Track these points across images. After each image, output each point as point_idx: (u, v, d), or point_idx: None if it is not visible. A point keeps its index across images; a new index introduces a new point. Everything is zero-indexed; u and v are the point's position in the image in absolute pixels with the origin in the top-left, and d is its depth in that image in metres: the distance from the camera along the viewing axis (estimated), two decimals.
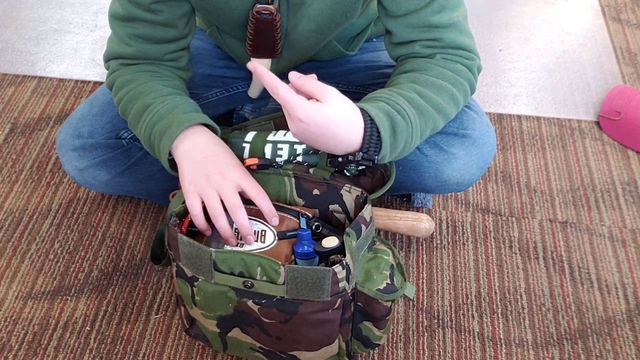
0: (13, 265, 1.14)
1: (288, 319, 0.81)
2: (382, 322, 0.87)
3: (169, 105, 0.88)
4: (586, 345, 1.05)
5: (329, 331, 0.84)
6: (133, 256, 1.16)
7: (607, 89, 1.49)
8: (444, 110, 0.87)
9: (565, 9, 1.74)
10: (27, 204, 1.24)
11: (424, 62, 0.89)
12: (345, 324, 0.85)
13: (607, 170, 1.33)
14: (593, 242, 1.20)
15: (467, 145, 0.97)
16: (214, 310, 0.85)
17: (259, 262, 0.78)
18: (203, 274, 0.81)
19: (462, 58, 0.90)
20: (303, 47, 0.99)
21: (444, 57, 0.90)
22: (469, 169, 0.99)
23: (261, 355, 0.90)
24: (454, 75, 0.89)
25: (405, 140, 0.81)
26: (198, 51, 1.11)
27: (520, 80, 1.53)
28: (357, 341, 0.90)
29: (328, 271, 0.77)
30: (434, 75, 0.87)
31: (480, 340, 1.05)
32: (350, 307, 0.84)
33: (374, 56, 1.10)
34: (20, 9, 1.71)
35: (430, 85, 0.86)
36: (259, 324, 0.84)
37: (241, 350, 0.91)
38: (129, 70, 0.94)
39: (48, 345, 1.04)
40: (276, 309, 0.81)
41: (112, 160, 1.04)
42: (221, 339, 0.90)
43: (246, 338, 0.87)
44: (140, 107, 0.89)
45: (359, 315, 0.86)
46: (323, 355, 0.88)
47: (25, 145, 1.35)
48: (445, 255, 1.17)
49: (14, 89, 1.48)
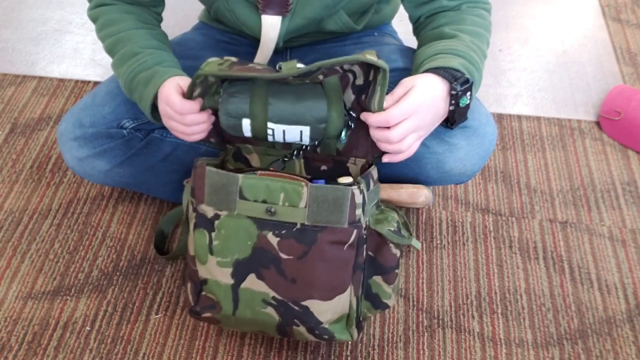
0: (13, 265, 1.14)
1: (306, 252, 0.85)
2: (391, 276, 0.92)
3: (156, 59, 0.94)
4: (586, 345, 1.05)
5: (342, 274, 0.87)
6: (133, 256, 1.16)
7: (607, 89, 1.49)
8: (485, 55, 0.96)
9: (565, 9, 1.74)
10: (27, 204, 1.24)
11: (456, 15, 0.97)
12: (358, 271, 0.88)
13: (607, 170, 1.33)
14: (593, 242, 1.20)
15: (467, 135, 0.98)
16: (232, 253, 0.87)
17: (282, 187, 0.84)
18: (227, 205, 0.85)
19: (483, 3, 0.99)
20: (316, 5, 0.99)
21: (467, 5, 0.98)
22: (471, 159, 1.00)
23: (272, 312, 0.90)
24: (483, 21, 0.97)
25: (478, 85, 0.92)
26: (201, 45, 1.12)
27: (520, 80, 1.53)
28: (367, 302, 0.93)
29: (348, 190, 0.83)
30: (471, 24, 0.95)
31: (480, 340, 1.05)
32: (363, 250, 0.88)
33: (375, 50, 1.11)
34: (20, 9, 1.71)
35: (475, 35, 0.94)
36: (275, 263, 0.86)
37: (252, 306, 0.90)
38: (115, 9, 1.00)
39: (48, 345, 1.04)
40: (295, 240, 0.85)
41: (112, 150, 1.05)
42: (233, 294, 0.89)
43: (260, 286, 0.88)
44: (128, 52, 0.95)
45: (369, 267, 0.91)
46: (335, 309, 0.89)
47: (25, 145, 1.35)
48: (445, 255, 1.17)
49: (14, 89, 1.48)
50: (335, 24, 1.05)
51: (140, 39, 0.97)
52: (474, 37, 0.94)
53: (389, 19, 1.17)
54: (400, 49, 1.10)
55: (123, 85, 0.96)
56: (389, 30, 1.18)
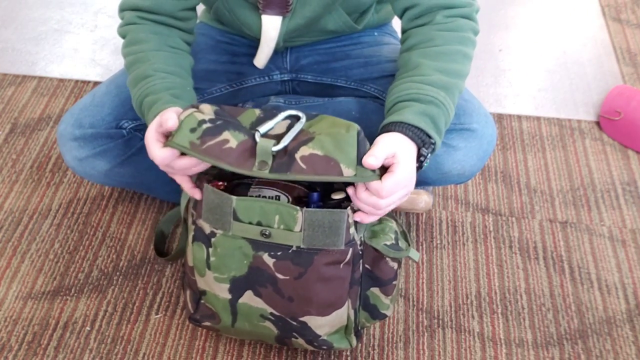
0: (13, 265, 1.14)
1: (302, 274, 0.84)
2: (389, 287, 0.90)
3: (165, 84, 0.91)
4: (586, 345, 1.05)
5: (339, 290, 0.86)
6: (133, 256, 1.16)
7: (607, 89, 1.49)
8: (462, 73, 0.90)
9: (565, 9, 1.74)
10: (27, 204, 1.24)
11: (427, 31, 0.92)
12: (355, 285, 0.88)
13: (607, 170, 1.33)
14: (593, 242, 1.20)
15: (466, 136, 0.98)
16: (228, 271, 0.86)
17: (277, 210, 0.81)
18: (222, 225, 0.84)
19: (460, 8, 0.92)
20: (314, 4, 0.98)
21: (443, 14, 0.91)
22: (469, 160, 1.00)
23: (271, 325, 0.90)
24: (458, 34, 0.91)
25: (445, 120, 0.86)
26: (201, 46, 1.11)
27: (520, 80, 1.53)
28: (365, 312, 0.92)
29: (344, 214, 0.80)
30: (442, 44, 0.90)
31: (480, 340, 1.05)
32: (359, 265, 0.87)
33: (375, 51, 1.11)
34: (20, 9, 1.71)
35: (443, 56, 0.89)
36: (272, 282, 0.85)
37: (251, 319, 0.90)
38: (143, 28, 0.97)
39: (48, 345, 1.04)
40: (291, 262, 0.83)
41: (112, 150, 1.05)
42: (231, 308, 0.89)
43: (257, 303, 0.88)
44: (141, 74, 0.93)
45: (367, 280, 0.89)
46: (333, 322, 0.89)
47: (25, 145, 1.35)
48: (445, 255, 1.17)
49: (14, 89, 1.48)
50: (335, 23, 1.05)
51: (157, 61, 0.93)
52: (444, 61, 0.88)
53: (389, 19, 1.17)
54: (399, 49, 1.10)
55: (136, 107, 0.94)
56: (389, 30, 1.18)
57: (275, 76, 1.12)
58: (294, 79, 1.13)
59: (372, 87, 1.07)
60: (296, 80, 1.13)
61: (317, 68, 1.11)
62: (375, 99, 1.07)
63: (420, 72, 0.88)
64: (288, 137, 0.78)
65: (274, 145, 0.77)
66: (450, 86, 0.87)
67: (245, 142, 0.78)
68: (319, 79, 1.11)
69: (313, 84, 1.12)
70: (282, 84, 1.13)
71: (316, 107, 1.08)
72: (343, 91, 1.10)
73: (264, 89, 1.13)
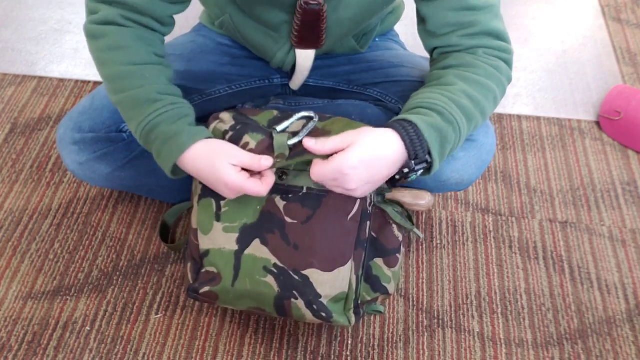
0: (13, 265, 1.14)
1: (310, 217, 0.87)
2: (392, 258, 0.93)
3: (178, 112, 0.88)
4: (586, 345, 1.05)
5: (344, 245, 0.88)
6: (133, 256, 1.16)
7: (607, 89, 1.49)
8: (486, 111, 0.88)
9: (565, 9, 1.74)
10: (27, 204, 1.24)
11: (470, 58, 0.89)
12: (360, 248, 0.89)
13: (607, 170, 1.33)
14: (593, 242, 1.20)
15: (465, 146, 0.98)
16: (240, 218, 0.89)
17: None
18: None
19: (502, 52, 0.90)
20: (334, 36, 0.99)
21: (485, 51, 0.90)
22: (468, 169, 0.99)
23: (272, 281, 0.89)
24: (497, 74, 0.89)
25: (452, 147, 0.84)
26: (202, 48, 1.11)
27: (520, 80, 1.53)
28: (367, 285, 0.93)
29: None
30: (482, 75, 0.87)
31: (480, 340, 1.05)
32: (367, 227, 0.89)
33: (377, 56, 1.10)
34: (20, 9, 1.71)
35: (479, 86, 0.87)
36: (280, 228, 0.88)
37: (252, 275, 0.89)
38: (127, 32, 0.89)
39: (48, 345, 1.04)
40: (300, 204, 0.87)
41: (112, 153, 1.04)
42: (235, 261, 0.89)
43: (263, 252, 0.88)
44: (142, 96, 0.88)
45: (371, 249, 0.91)
46: (334, 283, 0.89)
47: (25, 145, 1.35)
48: (445, 255, 1.17)
49: (14, 89, 1.48)
50: (342, 47, 1.06)
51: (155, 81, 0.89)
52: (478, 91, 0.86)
53: (392, 26, 1.17)
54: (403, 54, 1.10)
55: (137, 133, 0.89)
56: (391, 35, 1.18)
57: (276, 79, 1.12)
58: None
59: (375, 90, 1.07)
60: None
61: (318, 72, 1.10)
62: (377, 102, 1.06)
63: (453, 90, 0.85)
64: (303, 132, 0.86)
65: (289, 139, 0.85)
66: (473, 117, 0.86)
67: (263, 141, 0.87)
68: (321, 82, 1.11)
69: (314, 87, 1.11)
70: (283, 87, 1.13)
71: (316, 109, 1.07)
72: (345, 95, 1.09)
73: (264, 92, 1.13)
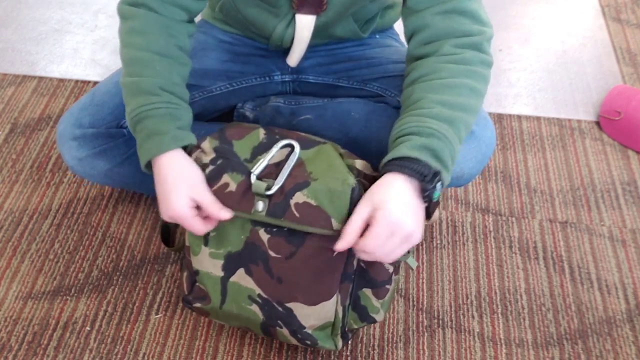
0: (13, 265, 1.14)
1: (294, 253, 0.85)
2: (381, 290, 0.90)
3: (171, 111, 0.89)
4: (586, 345, 1.05)
5: (328, 281, 0.86)
6: (133, 256, 1.16)
7: (607, 89, 1.49)
8: (468, 107, 0.86)
9: (565, 9, 1.74)
10: (27, 204, 1.24)
11: (432, 64, 0.88)
12: (347, 281, 0.88)
13: (607, 170, 1.33)
14: (593, 242, 1.20)
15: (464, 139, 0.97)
16: (226, 246, 0.88)
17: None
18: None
19: (471, 37, 0.88)
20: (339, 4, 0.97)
21: (451, 44, 0.88)
22: (468, 163, 0.99)
23: (257, 310, 0.90)
24: (466, 67, 0.87)
25: (450, 154, 0.83)
26: (203, 45, 1.11)
27: (520, 80, 1.53)
28: (354, 313, 0.92)
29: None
30: (447, 76, 0.86)
31: (480, 340, 1.05)
32: (353, 260, 0.87)
33: (377, 52, 1.11)
34: (20, 9, 1.71)
35: (447, 89, 0.85)
36: (264, 260, 0.87)
37: (238, 301, 0.90)
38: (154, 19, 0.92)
39: (48, 345, 1.04)
40: (284, 240, 0.85)
41: (112, 149, 1.04)
42: (222, 287, 0.90)
43: (247, 282, 0.89)
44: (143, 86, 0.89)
45: (360, 279, 0.89)
46: (319, 315, 0.88)
47: (25, 145, 1.35)
48: (445, 255, 1.17)
49: (14, 89, 1.48)
50: (344, 29, 1.05)
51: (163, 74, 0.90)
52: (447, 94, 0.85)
53: (392, 23, 1.17)
54: (402, 51, 1.10)
55: (128, 118, 0.91)
56: (391, 33, 1.18)
57: (276, 77, 1.12)
58: (295, 80, 1.13)
59: (375, 85, 1.07)
60: (297, 81, 1.13)
61: (318, 69, 1.10)
62: (378, 97, 1.07)
63: (421, 105, 0.85)
64: (281, 177, 0.84)
65: (267, 189, 0.83)
66: (454, 119, 0.84)
67: (243, 182, 0.85)
68: (321, 79, 1.11)
69: (314, 84, 1.11)
70: (283, 84, 1.13)
71: (316, 108, 1.08)
72: (345, 91, 1.10)
73: (265, 89, 1.13)
